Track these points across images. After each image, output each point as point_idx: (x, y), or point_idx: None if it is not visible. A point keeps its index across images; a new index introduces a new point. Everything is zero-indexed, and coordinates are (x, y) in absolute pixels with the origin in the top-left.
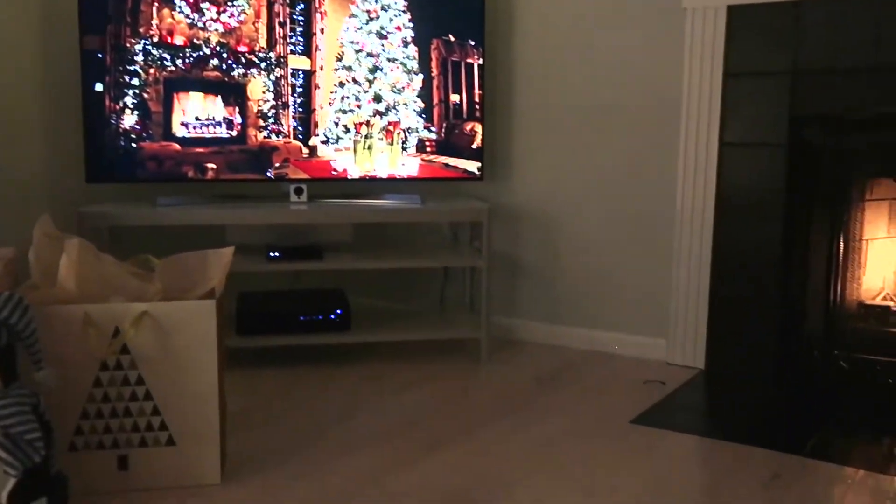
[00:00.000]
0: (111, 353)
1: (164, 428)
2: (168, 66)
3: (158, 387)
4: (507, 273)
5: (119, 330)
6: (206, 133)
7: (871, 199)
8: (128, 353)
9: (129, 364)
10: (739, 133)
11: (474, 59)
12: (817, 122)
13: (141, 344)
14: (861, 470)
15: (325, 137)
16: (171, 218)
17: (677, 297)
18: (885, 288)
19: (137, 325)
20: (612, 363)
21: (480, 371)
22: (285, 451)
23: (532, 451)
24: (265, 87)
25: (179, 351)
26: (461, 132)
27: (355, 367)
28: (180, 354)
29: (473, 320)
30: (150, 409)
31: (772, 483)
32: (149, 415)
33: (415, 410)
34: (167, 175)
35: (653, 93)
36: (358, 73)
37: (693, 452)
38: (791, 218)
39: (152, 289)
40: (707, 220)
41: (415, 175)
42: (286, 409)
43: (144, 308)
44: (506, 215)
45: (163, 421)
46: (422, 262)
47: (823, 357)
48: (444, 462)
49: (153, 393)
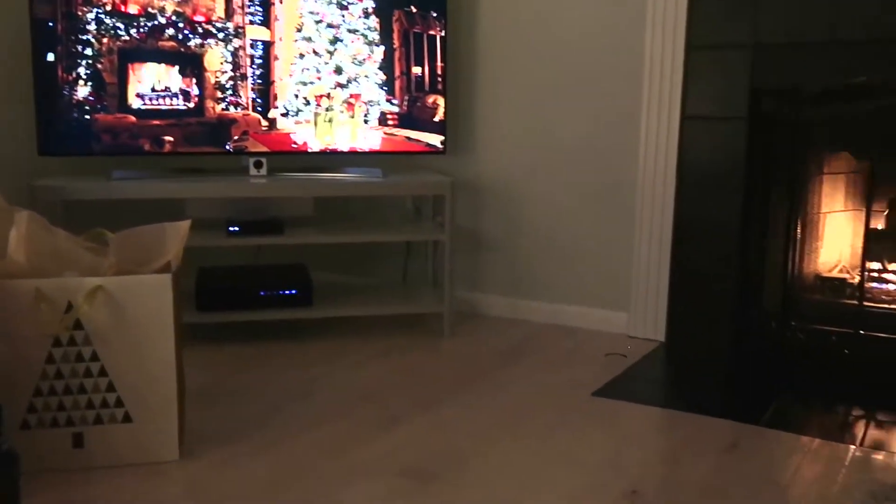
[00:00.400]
0: (64, 328)
1: (119, 405)
2: (122, 36)
3: (113, 363)
4: (469, 247)
5: (72, 305)
6: (162, 105)
7: (828, 173)
8: (81, 328)
9: (83, 340)
10: (701, 106)
11: (436, 31)
12: (777, 95)
13: (95, 319)
14: (816, 438)
15: (284, 110)
16: (127, 192)
17: (638, 271)
18: (842, 261)
19: (91, 300)
20: (574, 336)
21: (442, 345)
22: (245, 427)
23: (492, 424)
24: (223, 58)
25: (135, 326)
26: (423, 105)
27: (317, 343)
28: (136, 329)
29: (436, 295)
30: (105, 385)
31: (730, 451)
32: (104, 391)
33: (376, 385)
34: (123, 148)
35: (615, 66)
36: (318, 45)
37: (653, 423)
38: (751, 191)
39: (106, 263)
40: (668, 193)
41: (377, 148)
42: (246, 384)
43: (98, 282)
44: (468, 189)
45: (118, 397)
46: (384, 236)
47: (781, 328)
48: (404, 435)
49: (108, 369)
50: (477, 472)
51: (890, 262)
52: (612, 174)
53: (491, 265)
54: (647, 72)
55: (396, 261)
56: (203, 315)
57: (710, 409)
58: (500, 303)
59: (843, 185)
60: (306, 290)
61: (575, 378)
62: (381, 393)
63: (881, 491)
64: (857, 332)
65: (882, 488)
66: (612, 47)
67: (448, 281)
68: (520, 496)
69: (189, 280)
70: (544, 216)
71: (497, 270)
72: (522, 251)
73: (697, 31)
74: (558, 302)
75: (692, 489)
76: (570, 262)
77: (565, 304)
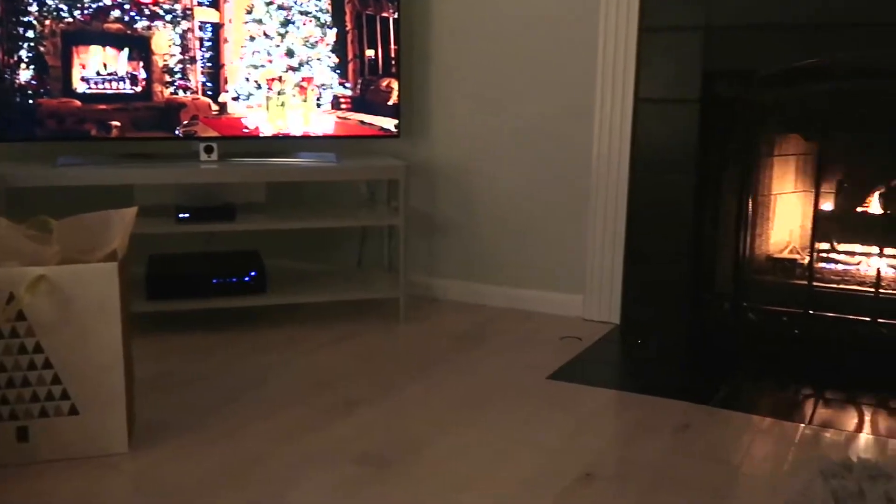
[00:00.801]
0: (5, 320)
1: (65, 397)
2: (65, 18)
3: (58, 354)
4: (425, 231)
5: (14, 296)
6: (108, 89)
7: (779, 155)
8: (24, 319)
9: (26, 331)
10: (654, 88)
11: (389, 14)
12: (729, 77)
13: (38, 310)
14: (767, 418)
15: (235, 94)
16: (73, 178)
17: (593, 254)
18: (792, 241)
19: (34, 290)
20: (529, 320)
21: (398, 331)
22: (197, 417)
23: (448, 410)
24: (171, 41)
25: (80, 316)
26: (377, 88)
27: (271, 330)
28: (81, 320)
29: (392, 280)
30: (49, 377)
31: (682, 432)
32: (49, 384)
33: (331, 371)
34: (68, 133)
35: (569, 47)
36: (269, 27)
37: (607, 406)
38: (703, 173)
39: (49, 251)
40: (622, 175)
41: (330, 133)
42: (199, 374)
43: (41, 272)
44: (423, 173)
45: (64, 390)
46: (338, 221)
47: (733, 309)
48: (359, 422)
49: (53, 361)
50: (432, 458)
51: (838, 242)
52: (567, 157)
53: (447, 249)
54: (601, 54)
55: (352, 246)
56: (154, 304)
57: (663, 390)
58: (457, 287)
59: (793, 167)
60: (260, 277)
61: (530, 362)
62: (337, 379)
63: (830, 469)
64: (807, 312)
65: (830, 466)
66: (567, 30)
67: (403, 266)
68: (475, 480)
69: (139, 268)
70: (499, 200)
71: (453, 254)
72: (478, 235)
73: (650, 13)
74: (514, 286)
75: (645, 470)
76: (525, 245)
77: (521, 287)
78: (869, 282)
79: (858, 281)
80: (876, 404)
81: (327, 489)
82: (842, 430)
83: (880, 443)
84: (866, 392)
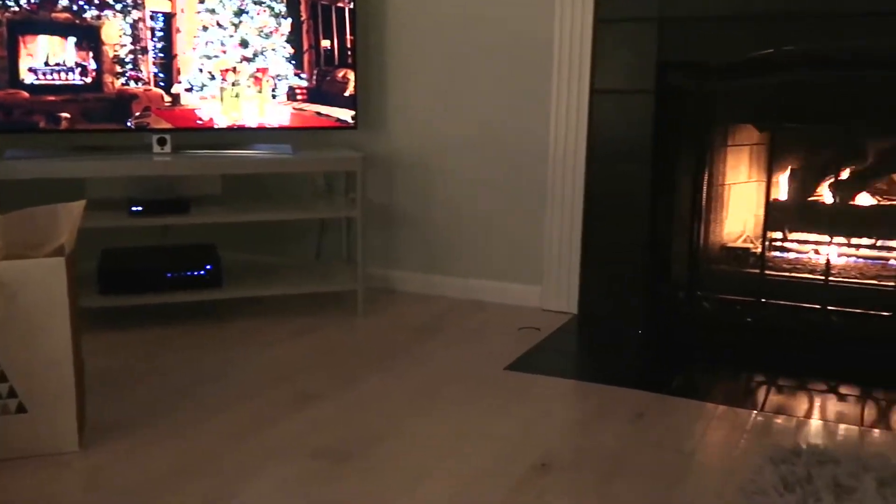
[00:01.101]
0: None
1: (12, 395)
2: (11, 7)
3: (5, 351)
4: (383, 223)
5: None
6: (57, 80)
7: (732, 145)
8: None
9: None
10: (609, 80)
11: (345, 3)
12: (683, 68)
13: None
14: (721, 405)
15: (188, 85)
16: (22, 171)
17: (550, 244)
18: (746, 231)
19: None
20: (488, 311)
21: (357, 323)
22: (151, 414)
23: (406, 402)
24: (122, 31)
25: (26, 313)
26: (333, 79)
27: (228, 325)
28: (27, 316)
29: (350, 272)
30: None
31: (637, 421)
32: None
33: (288, 365)
34: (16, 125)
35: (526, 39)
36: (222, 17)
37: (564, 395)
38: (659, 163)
39: None
40: (579, 166)
41: (286, 124)
42: (153, 370)
43: None
44: (381, 164)
45: (11, 387)
46: (295, 214)
47: (688, 298)
48: (316, 416)
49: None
50: (390, 450)
51: (790, 231)
52: (525, 147)
53: (405, 241)
54: (557, 44)
55: (310, 239)
56: (107, 299)
57: (619, 379)
58: (415, 279)
59: (746, 157)
60: (216, 271)
61: (488, 352)
62: (295, 373)
63: (779, 454)
64: (759, 300)
65: (780, 452)
66: (523, 20)
67: (361, 258)
68: (431, 472)
69: (92, 263)
70: (457, 191)
71: (411, 246)
72: (436, 226)
73: (605, 4)
74: (473, 277)
75: (600, 460)
76: (483, 236)
77: (480, 278)
78: (819, 270)
79: (809, 269)
80: (826, 391)
81: (284, 484)
82: (792, 417)
83: (829, 428)
84: (817, 379)
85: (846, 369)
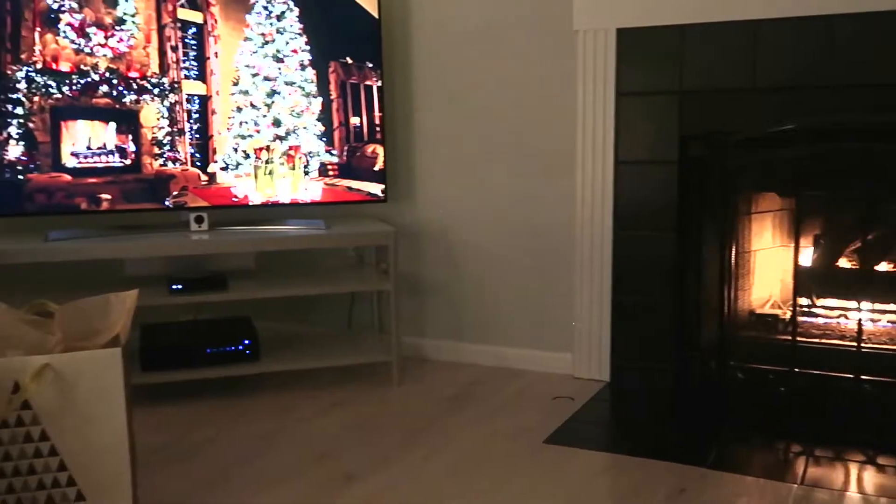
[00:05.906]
0: (11, 410)
1: (71, 483)
2: (54, 94)
3: (63, 441)
4: (412, 293)
5: (19, 385)
6: (98, 162)
7: (756, 212)
8: (29, 408)
9: (31, 420)
10: (633, 151)
11: (373, 81)
12: (704, 139)
13: (43, 398)
14: (760, 478)
15: (224, 164)
16: (65, 253)
17: (580, 311)
18: (773, 296)
19: (38, 379)
20: (520, 379)
21: (392, 394)
22: (196, 493)
23: (446, 479)
24: (159, 114)
25: (84, 403)
26: (363, 154)
27: (265, 398)
28: (85, 406)
29: (383, 342)
30: (55, 464)
31: (679, 497)
32: (55, 471)
33: (327, 441)
34: (58, 208)
35: (549, 112)
36: (255, 97)
37: (603, 470)
38: (684, 231)
39: (52, 339)
40: (606, 235)
41: (318, 199)
42: (195, 446)
43: (45, 361)
44: (410, 235)
45: (70, 476)
46: (328, 287)
47: (719, 367)
48: (358, 496)
49: (58, 448)
50: None
51: (818, 296)
52: (552, 217)
53: (434, 310)
54: (581, 118)
55: (341, 307)
56: (148, 375)
57: (656, 452)
58: (446, 347)
59: (769, 223)
60: (254, 346)
61: (523, 424)
62: (334, 450)
63: None
64: (792, 369)
65: None
66: (546, 94)
67: (395, 330)
68: None
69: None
70: (485, 260)
71: (441, 315)
72: (465, 295)
73: (626, 78)
74: (503, 345)
75: None
76: (513, 305)
77: (510, 346)
78: (850, 336)
79: (839, 335)
80: (863, 461)
81: None
82: (832, 490)
83: (869, 501)
84: (853, 449)
85: (882, 439)
